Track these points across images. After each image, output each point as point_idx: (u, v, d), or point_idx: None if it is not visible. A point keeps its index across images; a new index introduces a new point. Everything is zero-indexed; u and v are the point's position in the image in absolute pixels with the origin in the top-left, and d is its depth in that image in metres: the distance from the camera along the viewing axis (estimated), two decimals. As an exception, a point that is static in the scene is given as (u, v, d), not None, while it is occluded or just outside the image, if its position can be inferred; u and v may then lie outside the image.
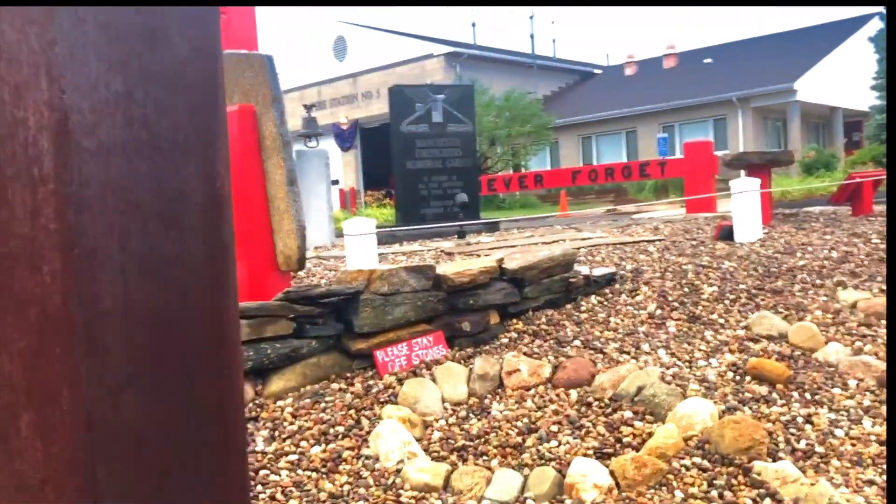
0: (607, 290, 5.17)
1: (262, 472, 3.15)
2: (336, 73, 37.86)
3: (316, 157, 8.36)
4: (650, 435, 3.30)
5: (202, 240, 1.41)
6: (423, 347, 4.16)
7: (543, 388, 3.86)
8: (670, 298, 4.92)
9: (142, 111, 1.29)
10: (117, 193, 1.26)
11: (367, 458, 3.27)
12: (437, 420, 3.58)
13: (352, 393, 3.79)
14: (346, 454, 3.27)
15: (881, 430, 3.26)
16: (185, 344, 1.40)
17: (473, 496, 2.98)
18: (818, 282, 5.19)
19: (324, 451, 3.31)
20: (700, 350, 4.18)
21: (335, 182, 37.24)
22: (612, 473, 3.01)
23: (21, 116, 1.21)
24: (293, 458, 3.27)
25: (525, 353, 4.22)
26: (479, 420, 3.56)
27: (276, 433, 3.47)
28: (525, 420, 3.51)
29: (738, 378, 3.82)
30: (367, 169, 36.77)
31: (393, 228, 8.77)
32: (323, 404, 3.70)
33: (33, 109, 1.21)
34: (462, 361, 4.13)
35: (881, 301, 4.66)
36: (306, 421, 3.55)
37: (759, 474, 2.92)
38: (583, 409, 3.61)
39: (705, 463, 3.06)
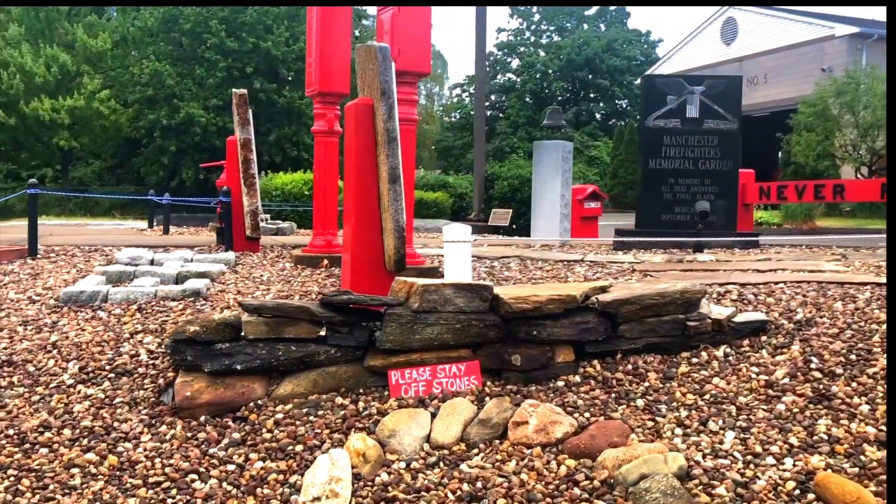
0: (746, 342, 4.12)
1: (190, 476, 3.12)
2: (722, 58, 35.65)
3: (552, 150, 7.87)
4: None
5: None
6: (450, 375, 3.75)
7: (541, 450, 3.23)
8: (815, 365, 3.75)
9: None
10: None
11: (290, 486, 3.05)
12: (400, 461, 3.21)
13: (347, 411, 3.57)
14: (272, 477, 3.09)
15: None
16: None
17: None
18: None
19: (262, 468, 3.17)
20: (787, 444, 3.13)
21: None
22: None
23: None
24: (231, 468, 3.19)
25: (567, 404, 3.58)
26: (438, 473, 3.11)
27: (247, 439, 3.41)
28: (479, 484, 2.98)
29: (797, 494, 2.78)
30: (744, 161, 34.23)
31: (624, 236, 7.98)
32: (313, 418, 3.54)
33: None
34: (492, 399, 3.64)
35: None
36: (282, 432, 3.43)
37: None
38: (561, 487, 2.94)
39: None
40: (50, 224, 13.81)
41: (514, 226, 12.56)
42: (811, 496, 2.76)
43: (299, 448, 3.30)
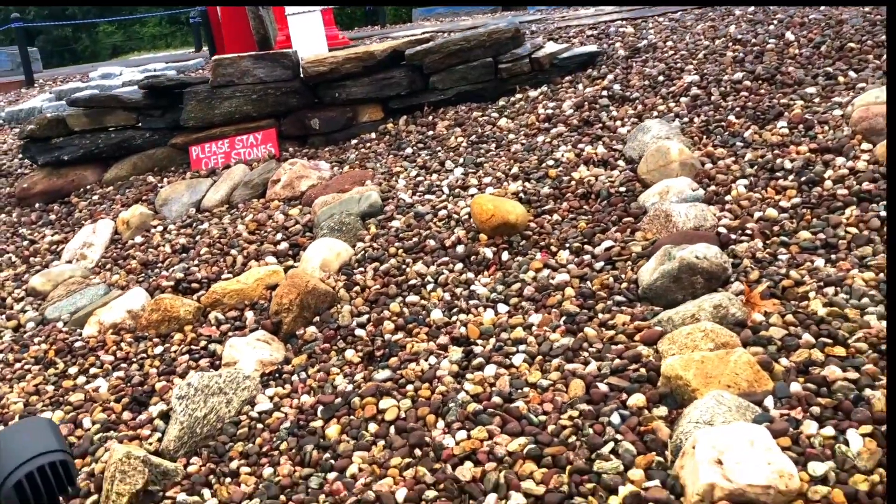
0: (568, 79, 3.82)
1: (-9, 252, 3.55)
2: None
3: None
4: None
5: None
6: (247, 146, 3.84)
7: (281, 203, 3.32)
8: (610, 93, 3.45)
9: None
10: None
11: (56, 254, 3.40)
12: (160, 226, 3.43)
13: (147, 187, 3.81)
14: (45, 248, 3.46)
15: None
16: None
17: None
18: (851, 75, 3.01)
19: (50, 241, 3.53)
20: (505, 174, 3.00)
21: None
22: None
23: None
24: (25, 243, 3.56)
25: (339, 160, 3.60)
26: (180, 233, 3.30)
27: (61, 219, 3.77)
28: (197, 238, 3.17)
29: (465, 219, 2.72)
30: None
31: None
32: (119, 195, 3.82)
33: None
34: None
35: (882, 109, 2.58)
36: (88, 211, 3.76)
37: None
38: (271, 234, 3.04)
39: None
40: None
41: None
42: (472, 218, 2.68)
43: (88, 221, 3.61)
